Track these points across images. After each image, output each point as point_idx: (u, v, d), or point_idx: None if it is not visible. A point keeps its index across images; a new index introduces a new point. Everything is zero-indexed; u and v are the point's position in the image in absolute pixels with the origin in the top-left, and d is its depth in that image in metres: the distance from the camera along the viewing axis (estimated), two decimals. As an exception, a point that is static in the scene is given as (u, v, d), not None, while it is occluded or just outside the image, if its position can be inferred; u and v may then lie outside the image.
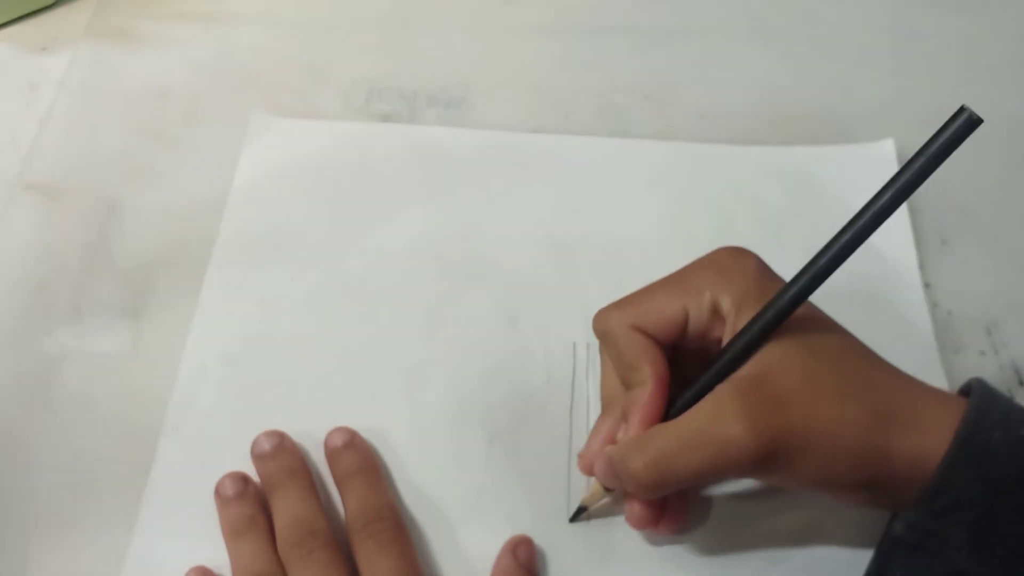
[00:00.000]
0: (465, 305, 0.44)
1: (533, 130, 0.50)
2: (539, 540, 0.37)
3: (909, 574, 0.32)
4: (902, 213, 0.46)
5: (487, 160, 0.49)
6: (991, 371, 0.42)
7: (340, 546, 0.35)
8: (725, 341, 0.33)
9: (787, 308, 0.32)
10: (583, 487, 0.38)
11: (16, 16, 0.56)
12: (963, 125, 0.29)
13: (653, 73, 0.53)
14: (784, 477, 0.32)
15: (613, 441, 0.35)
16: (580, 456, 0.37)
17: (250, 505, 0.37)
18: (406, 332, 0.43)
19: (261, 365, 0.42)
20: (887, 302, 0.44)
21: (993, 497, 0.30)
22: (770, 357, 0.32)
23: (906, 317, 0.43)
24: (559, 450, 0.39)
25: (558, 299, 0.44)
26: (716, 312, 0.34)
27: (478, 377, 0.41)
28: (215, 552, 0.36)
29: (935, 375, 0.41)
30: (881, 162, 0.48)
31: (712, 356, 0.34)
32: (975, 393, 0.32)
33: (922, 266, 0.45)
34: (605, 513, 0.38)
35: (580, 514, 0.37)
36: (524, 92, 0.53)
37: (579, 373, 0.41)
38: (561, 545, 0.37)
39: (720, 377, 0.33)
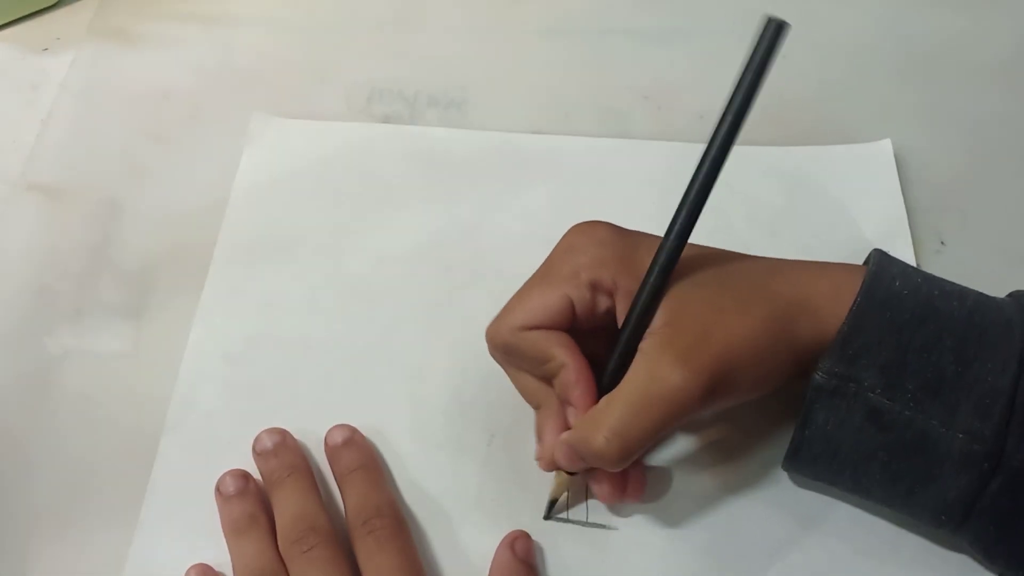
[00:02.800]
0: (465, 305, 0.44)
1: (533, 131, 0.51)
2: (538, 537, 0.37)
3: (832, 417, 0.34)
4: (900, 214, 0.46)
5: (487, 161, 0.49)
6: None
7: (341, 543, 0.35)
8: (619, 307, 0.35)
9: (675, 247, 0.33)
10: (582, 484, 0.38)
11: (18, 16, 0.56)
12: (773, 33, 0.32)
13: (653, 74, 0.54)
14: (726, 401, 0.34)
15: (564, 430, 0.35)
16: (538, 458, 0.37)
17: (251, 502, 0.37)
18: (406, 332, 0.43)
19: (262, 365, 0.42)
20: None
21: (899, 337, 0.33)
22: (671, 302, 0.34)
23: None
24: (558, 449, 0.39)
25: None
26: (597, 288, 0.35)
27: (478, 376, 0.41)
28: (216, 551, 0.37)
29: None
30: (879, 162, 0.48)
31: (609, 324, 0.35)
32: (874, 254, 0.36)
33: (921, 267, 0.45)
34: (575, 502, 0.38)
35: (552, 508, 0.38)
36: (524, 93, 0.53)
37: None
38: (560, 543, 0.37)
39: (637, 334, 0.34)
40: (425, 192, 0.48)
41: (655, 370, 0.32)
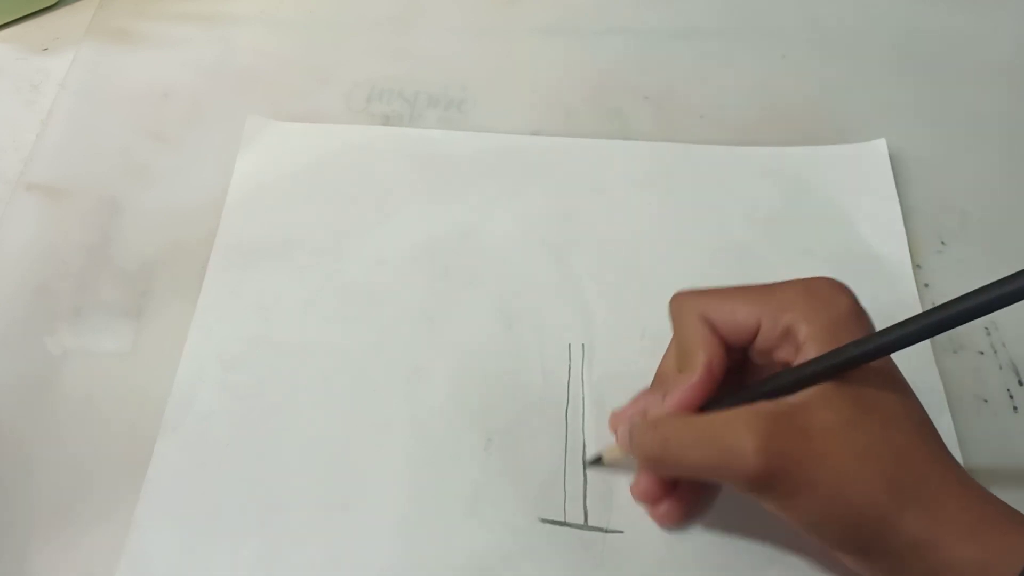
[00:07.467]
0: (463, 307, 0.44)
1: (533, 131, 0.51)
2: (536, 540, 0.37)
3: None
4: (895, 213, 0.46)
5: (486, 163, 0.49)
6: (990, 371, 0.42)
7: None
8: (798, 356, 0.32)
9: (854, 360, 0.31)
10: (580, 487, 0.38)
11: (18, 16, 0.56)
12: None
13: (653, 74, 0.54)
14: (782, 508, 0.31)
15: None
16: (612, 415, 0.37)
17: None
18: (404, 334, 0.43)
19: (259, 367, 0.42)
20: (881, 302, 0.43)
21: None
22: (816, 389, 0.31)
23: (901, 317, 0.43)
24: (556, 450, 0.39)
25: (555, 301, 0.44)
26: (789, 335, 0.33)
27: (476, 379, 0.41)
28: (208, 552, 0.37)
29: (930, 375, 0.41)
30: (874, 162, 0.48)
31: (763, 367, 0.34)
32: None
33: (921, 267, 0.45)
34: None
35: (596, 463, 0.39)
36: (524, 93, 0.53)
37: (575, 374, 0.41)
38: (558, 546, 0.37)
39: (765, 396, 0.32)
40: (423, 194, 0.48)
41: (735, 423, 0.31)
